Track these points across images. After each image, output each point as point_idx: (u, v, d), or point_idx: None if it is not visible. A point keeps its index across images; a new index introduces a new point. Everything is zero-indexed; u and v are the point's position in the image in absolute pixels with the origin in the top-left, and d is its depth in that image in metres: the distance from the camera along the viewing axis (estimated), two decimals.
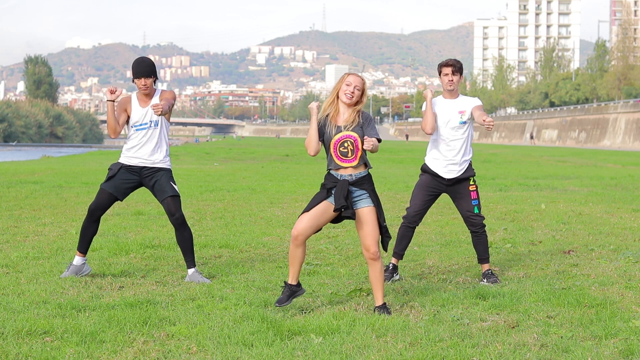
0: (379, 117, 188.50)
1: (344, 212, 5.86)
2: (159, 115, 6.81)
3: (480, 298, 6.31)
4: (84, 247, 7.16)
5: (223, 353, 4.80)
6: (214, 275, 7.33)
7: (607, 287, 6.72)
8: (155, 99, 7.11)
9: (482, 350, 4.85)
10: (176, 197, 7.12)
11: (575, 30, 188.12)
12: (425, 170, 7.26)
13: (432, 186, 7.20)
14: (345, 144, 5.86)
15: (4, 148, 75.12)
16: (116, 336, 5.13)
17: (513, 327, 5.41)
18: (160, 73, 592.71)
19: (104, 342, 5.02)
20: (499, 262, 8.12)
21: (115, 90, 7.18)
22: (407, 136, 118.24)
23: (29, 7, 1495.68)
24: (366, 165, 5.94)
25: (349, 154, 5.87)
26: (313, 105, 5.92)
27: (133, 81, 7.08)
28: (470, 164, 7.24)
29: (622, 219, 11.89)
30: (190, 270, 7.08)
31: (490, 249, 8.91)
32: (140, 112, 7.12)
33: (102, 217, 7.42)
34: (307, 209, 5.90)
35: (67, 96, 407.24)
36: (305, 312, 5.84)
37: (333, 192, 5.86)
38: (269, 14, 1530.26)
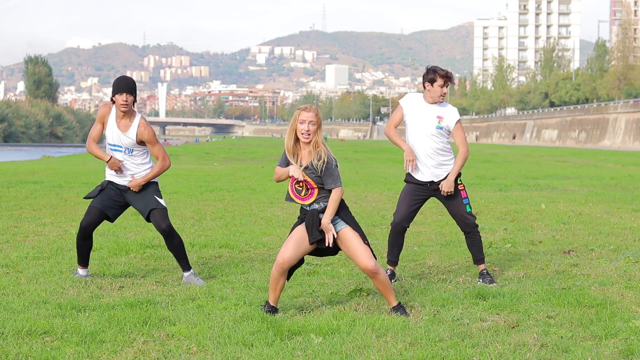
0: (379, 117, 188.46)
1: (320, 245, 5.81)
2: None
3: (480, 298, 6.31)
4: (83, 261, 7.14)
5: (223, 353, 4.80)
6: (214, 275, 7.32)
7: (607, 287, 6.72)
8: (133, 131, 6.94)
9: (482, 350, 4.85)
10: (163, 209, 7.07)
11: (575, 30, 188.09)
12: (409, 180, 7.18)
13: (417, 192, 7.12)
14: (301, 183, 5.81)
15: (3, 148, 75.09)
16: (116, 336, 5.13)
17: (513, 327, 5.41)
18: (160, 73, 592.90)
19: (104, 342, 5.02)
20: (499, 262, 8.12)
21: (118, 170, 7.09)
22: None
23: (29, 7, 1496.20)
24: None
25: (303, 192, 5.82)
26: (296, 172, 5.79)
27: (112, 98, 6.92)
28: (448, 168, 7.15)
29: (622, 219, 11.89)
30: (186, 273, 7.06)
31: (490, 249, 8.93)
32: (115, 133, 6.97)
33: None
34: (289, 235, 5.86)
35: (67, 96, 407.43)
36: (305, 312, 5.84)
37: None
38: (269, 14, 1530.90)
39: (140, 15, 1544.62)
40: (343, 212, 5.87)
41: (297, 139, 5.82)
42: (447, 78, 6.96)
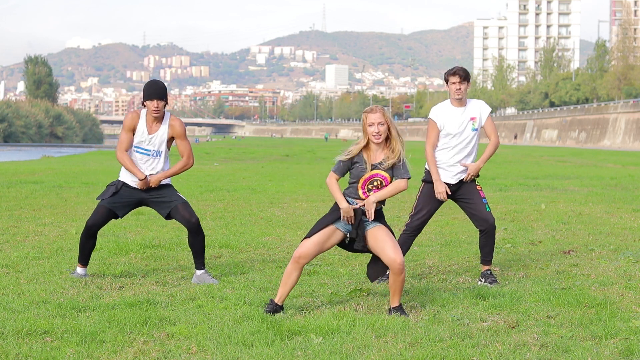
0: None
1: (356, 245, 5.85)
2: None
3: (480, 298, 6.31)
4: (84, 260, 7.14)
5: (223, 353, 4.80)
6: (214, 275, 7.32)
7: (607, 287, 6.71)
8: (164, 128, 6.98)
9: (482, 350, 4.85)
10: (186, 203, 7.10)
11: (575, 30, 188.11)
12: (428, 180, 7.15)
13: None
14: (375, 182, 5.83)
15: (3, 148, 75.10)
16: (116, 336, 5.13)
17: (513, 327, 5.41)
18: (160, 73, 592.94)
19: (104, 342, 5.02)
20: (499, 262, 8.11)
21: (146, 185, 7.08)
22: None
23: (29, 7, 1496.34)
24: (383, 201, 5.91)
25: (373, 191, 5.84)
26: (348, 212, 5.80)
27: (143, 103, 6.93)
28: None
29: (622, 219, 11.89)
30: (199, 272, 7.05)
31: None
32: (144, 136, 6.99)
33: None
34: (313, 232, 5.84)
35: (67, 96, 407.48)
36: (305, 312, 5.84)
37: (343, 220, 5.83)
38: (269, 14, 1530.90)
39: (141, 15, 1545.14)
40: (380, 215, 5.90)
41: (367, 144, 5.85)
42: (456, 74, 6.98)
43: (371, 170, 5.82)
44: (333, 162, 5.96)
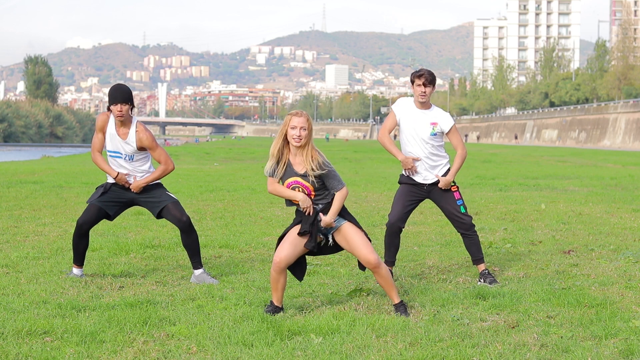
0: (379, 117, 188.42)
1: (325, 250, 5.88)
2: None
3: (480, 298, 6.31)
4: (78, 260, 7.13)
5: (223, 353, 4.80)
6: (214, 275, 7.32)
7: (607, 287, 6.71)
8: (132, 137, 6.92)
9: (482, 350, 4.85)
10: (176, 202, 7.10)
11: (575, 30, 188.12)
12: (403, 181, 7.19)
13: (412, 192, 7.12)
14: (296, 190, 5.82)
15: (3, 148, 75.09)
16: (116, 336, 5.13)
17: (513, 327, 5.41)
18: (160, 73, 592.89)
19: (104, 342, 5.02)
20: (499, 262, 8.11)
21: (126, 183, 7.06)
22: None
23: (29, 7, 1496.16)
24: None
25: None
26: (306, 202, 5.79)
27: (108, 108, 6.92)
28: (448, 168, 7.14)
29: (622, 219, 11.88)
30: (197, 271, 7.05)
31: (490, 249, 8.92)
32: (115, 140, 6.98)
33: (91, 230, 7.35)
34: (283, 235, 5.89)
35: (67, 96, 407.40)
36: (305, 312, 5.84)
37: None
38: (269, 14, 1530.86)
39: (141, 15, 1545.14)
40: (343, 210, 5.89)
41: (285, 144, 5.81)
42: (419, 77, 6.96)
43: (290, 177, 5.79)
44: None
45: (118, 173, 7.01)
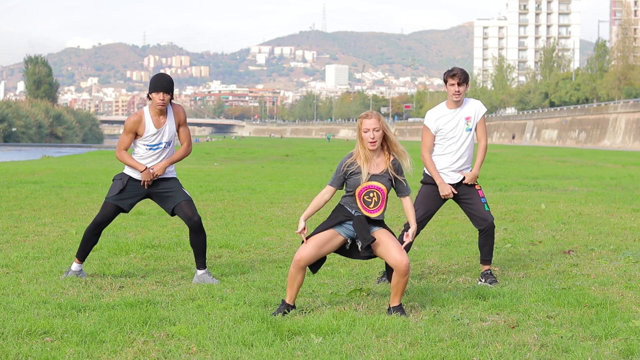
0: None
1: (362, 253, 5.80)
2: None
3: (480, 298, 6.31)
4: (82, 255, 7.14)
5: (223, 353, 4.80)
6: (214, 275, 7.32)
7: (607, 287, 6.71)
8: (171, 118, 6.98)
9: (482, 350, 4.85)
10: (190, 200, 7.11)
11: (575, 30, 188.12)
12: (427, 182, 7.14)
13: (435, 197, 7.08)
14: (371, 194, 5.74)
15: (3, 148, 75.09)
16: (116, 336, 5.13)
17: (513, 327, 5.41)
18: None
19: (104, 342, 5.02)
20: (499, 262, 8.11)
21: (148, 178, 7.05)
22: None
23: (29, 7, 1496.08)
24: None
25: (372, 205, 5.75)
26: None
27: (148, 96, 6.89)
28: (469, 169, 7.18)
29: (622, 219, 11.88)
30: (200, 272, 7.05)
31: None
32: (154, 133, 6.97)
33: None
34: (313, 234, 5.80)
35: (67, 96, 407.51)
36: (305, 312, 5.84)
37: (344, 224, 5.79)
38: (269, 14, 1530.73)
39: (141, 15, 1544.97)
40: (379, 222, 5.87)
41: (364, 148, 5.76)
42: (453, 76, 6.94)
43: (368, 180, 5.74)
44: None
45: (145, 168, 6.99)
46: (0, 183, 18.48)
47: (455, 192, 7.05)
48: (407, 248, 5.86)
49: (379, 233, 5.79)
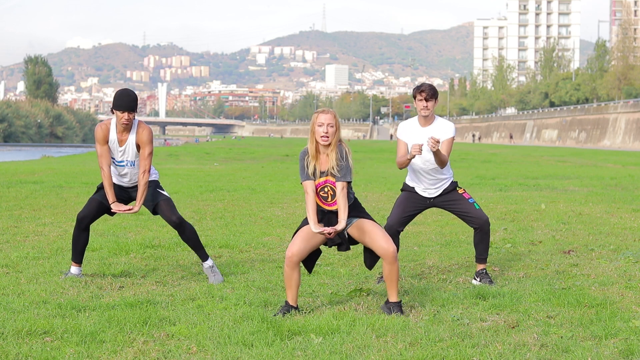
0: (378, 117, 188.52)
1: (339, 248, 5.87)
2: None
3: (480, 298, 6.31)
4: (77, 257, 7.12)
5: (223, 353, 4.80)
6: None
7: (607, 287, 6.71)
8: (132, 137, 6.91)
9: (482, 350, 4.85)
10: (168, 199, 7.09)
11: (575, 30, 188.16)
12: (405, 189, 7.13)
13: (414, 200, 7.05)
14: (325, 189, 5.81)
15: (3, 148, 75.09)
16: (116, 336, 5.13)
17: (513, 327, 5.41)
18: (160, 73, 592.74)
19: (104, 342, 5.02)
20: (499, 262, 8.11)
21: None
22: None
23: (29, 7, 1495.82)
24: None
25: (329, 199, 5.83)
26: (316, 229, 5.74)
27: (112, 110, 6.83)
28: (451, 181, 7.07)
29: (622, 219, 11.88)
30: (206, 263, 7.04)
31: (490, 249, 8.91)
32: (116, 149, 6.95)
33: (93, 224, 7.36)
34: (297, 230, 5.88)
35: (67, 96, 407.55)
36: (305, 312, 5.84)
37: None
38: (269, 14, 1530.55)
39: (141, 15, 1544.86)
40: (356, 210, 5.89)
41: (317, 144, 5.79)
42: (421, 92, 6.81)
43: (320, 177, 5.79)
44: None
45: (114, 201, 6.97)
46: (0, 183, 18.48)
47: (422, 145, 6.82)
48: (337, 244, 5.83)
49: (363, 222, 5.83)
